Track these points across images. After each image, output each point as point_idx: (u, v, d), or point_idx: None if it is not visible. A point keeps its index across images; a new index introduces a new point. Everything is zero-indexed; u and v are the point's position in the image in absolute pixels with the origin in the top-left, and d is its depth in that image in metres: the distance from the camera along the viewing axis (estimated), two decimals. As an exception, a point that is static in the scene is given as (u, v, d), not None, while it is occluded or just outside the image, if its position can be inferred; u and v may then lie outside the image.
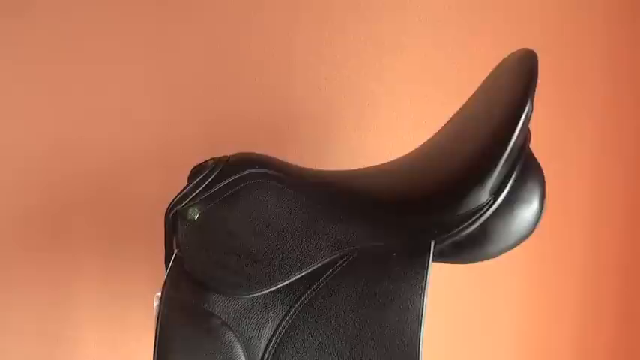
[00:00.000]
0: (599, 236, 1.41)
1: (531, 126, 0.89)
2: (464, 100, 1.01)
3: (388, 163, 1.03)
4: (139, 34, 1.41)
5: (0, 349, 1.53)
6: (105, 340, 1.52)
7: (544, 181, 0.90)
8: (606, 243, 1.42)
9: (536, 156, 0.91)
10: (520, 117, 0.86)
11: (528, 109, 0.86)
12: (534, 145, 0.92)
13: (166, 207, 0.95)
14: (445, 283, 1.34)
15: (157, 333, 0.89)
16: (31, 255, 1.48)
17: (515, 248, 0.89)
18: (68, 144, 1.44)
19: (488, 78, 0.99)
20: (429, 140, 1.03)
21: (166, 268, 0.94)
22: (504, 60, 0.98)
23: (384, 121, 1.42)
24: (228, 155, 0.98)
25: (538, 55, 0.90)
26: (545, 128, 1.34)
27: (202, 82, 1.42)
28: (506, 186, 0.88)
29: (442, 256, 0.90)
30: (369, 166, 1.04)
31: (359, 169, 1.03)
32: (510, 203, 0.89)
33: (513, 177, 0.89)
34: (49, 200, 1.47)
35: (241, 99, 1.42)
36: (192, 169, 0.98)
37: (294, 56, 1.41)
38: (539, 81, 0.87)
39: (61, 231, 1.48)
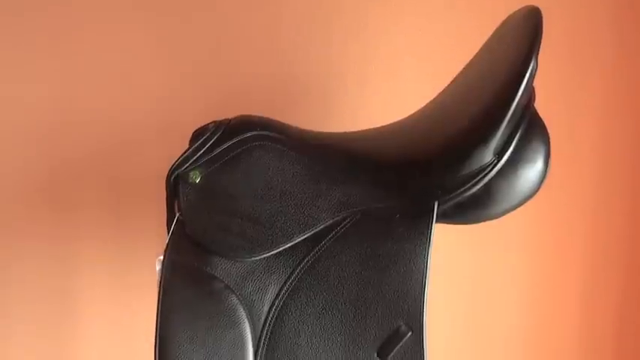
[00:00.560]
0: (607, 198, 1.40)
1: (538, 84, 0.88)
2: (469, 57, 0.99)
3: (390, 124, 1.02)
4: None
5: (2, 304, 1.53)
6: (107, 300, 1.52)
7: (549, 141, 0.89)
8: (614, 204, 1.41)
9: (541, 115, 0.90)
10: (524, 75, 0.85)
11: (532, 68, 0.85)
12: (541, 104, 0.90)
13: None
14: (449, 246, 1.34)
15: (160, 296, 0.89)
16: (33, 215, 1.49)
17: (520, 203, 0.88)
18: (70, 106, 1.43)
19: (492, 36, 0.98)
20: (432, 101, 1.01)
21: (168, 232, 0.93)
22: (509, 17, 0.96)
23: (386, 81, 1.41)
24: (230, 118, 0.97)
25: (549, 11, 0.89)
26: (555, 86, 1.32)
27: (204, 46, 1.41)
28: (510, 145, 0.87)
29: (445, 217, 0.90)
30: (371, 127, 1.03)
31: (361, 131, 1.02)
32: (514, 163, 0.88)
33: (517, 136, 0.87)
34: (52, 163, 1.47)
35: (243, 62, 1.41)
36: (194, 132, 0.97)
37: (295, 17, 1.40)
38: (548, 39, 0.86)
39: (64, 193, 1.48)
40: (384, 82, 1.42)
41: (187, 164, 0.93)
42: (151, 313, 0.89)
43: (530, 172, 0.88)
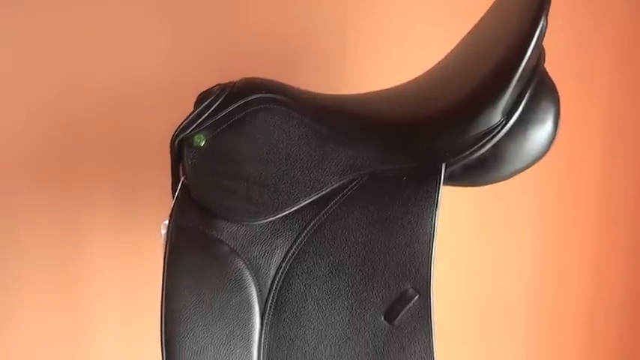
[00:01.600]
0: (614, 165, 1.39)
1: (546, 44, 0.86)
2: (477, 18, 0.98)
3: (397, 87, 1.01)
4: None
5: (11, 273, 1.54)
6: (113, 266, 1.53)
7: (559, 101, 0.88)
8: (622, 164, 1.39)
9: (551, 75, 0.89)
10: (533, 34, 0.84)
11: (542, 26, 0.84)
12: (549, 65, 0.89)
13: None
14: (457, 209, 1.33)
15: (165, 261, 0.89)
16: (41, 184, 1.49)
17: (529, 164, 0.87)
18: (73, 71, 1.42)
19: None
20: (440, 63, 1.00)
21: (173, 196, 0.92)
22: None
23: (397, 46, 1.39)
24: (235, 81, 0.96)
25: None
26: (560, 49, 1.30)
27: (210, 9, 1.39)
28: (519, 106, 0.86)
29: (453, 180, 0.89)
30: (377, 89, 1.01)
31: (368, 93, 1.01)
32: (523, 124, 0.86)
33: (527, 96, 0.86)
34: (56, 129, 1.47)
35: (250, 25, 1.39)
36: (199, 95, 0.96)
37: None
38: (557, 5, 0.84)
39: (68, 159, 1.48)
40: (395, 47, 1.40)
41: (192, 128, 0.92)
42: (158, 279, 0.89)
43: (540, 133, 0.87)
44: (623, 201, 1.42)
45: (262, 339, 0.87)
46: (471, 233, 1.44)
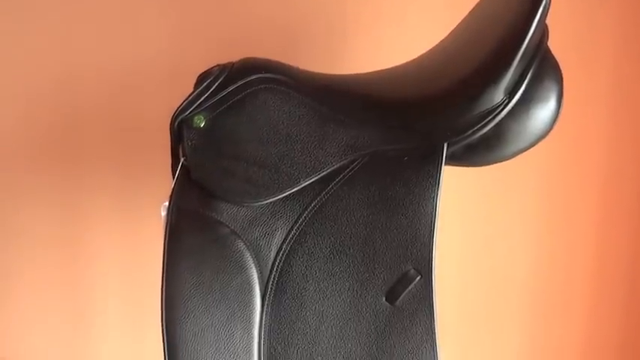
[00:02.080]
0: (619, 143, 1.38)
1: (549, 22, 0.85)
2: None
3: (398, 66, 1.00)
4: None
5: (12, 253, 1.55)
6: (114, 247, 1.54)
7: (562, 80, 0.87)
8: (627, 142, 1.38)
9: (554, 53, 0.88)
10: (536, 11, 0.83)
11: (545, 3, 0.83)
12: (552, 43, 0.88)
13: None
14: (458, 189, 1.32)
15: (165, 243, 0.88)
16: (42, 166, 1.50)
17: (532, 144, 0.86)
18: (72, 52, 1.42)
19: None
20: (441, 42, 0.99)
21: (173, 178, 0.92)
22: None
23: (398, 26, 1.38)
24: (234, 61, 0.95)
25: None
26: (564, 27, 1.29)
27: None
28: (521, 84, 0.85)
29: (455, 160, 0.88)
30: (378, 69, 1.00)
31: (369, 73, 1.00)
32: (526, 102, 0.85)
33: (529, 75, 0.85)
34: (60, 113, 1.47)
35: (250, 4, 1.38)
36: (198, 76, 0.96)
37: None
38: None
39: (68, 141, 1.48)
40: (396, 27, 1.39)
41: (191, 109, 0.91)
42: (159, 259, 0.88)
43: (542, 111, 0.86)
44: (629, 178, 1.40)
45: (263, 320, 0.86)
46: (473, 213, 1.43)
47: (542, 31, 0.86)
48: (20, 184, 1.51)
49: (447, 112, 0.87)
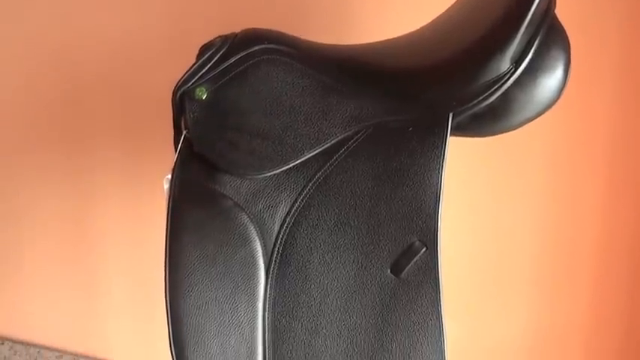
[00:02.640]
0: (626, 113, 1.36)
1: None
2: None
3: (402, 36, 0.99)
4: None
5: (22, 226, 1.56)
6: (119, 222, 1.55)
7: (569, 48, 0.86)
8: (634, 120, 1.36)
9: (561, 21, 0.86)
10: (543, -23, 0.81)
11: (552, -31, 0.81)
12: (560, 11, 0.86)
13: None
14: (464, 160, 1.31)
15: (168, 216, 0.87)
16: (44, 140, 1.51)
17: (538, 113, 0.85)
18: (75, 25, 1.41)
19: None
20: (447, 10, 0.98)
21: (175, 151, 0.91)
22: None
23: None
24: (236, 32, 0.94)
25: None
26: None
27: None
28: (528, 53, 0.83)
29: (460, 130, 0.87)
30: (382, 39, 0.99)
31: (372, 43, 0.99)
32: (533, 71, 0.84)
33: (536, 43, 0.84)
34: (61, 85, 1.47)
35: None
36: (201, 48, 0.94)
37: None
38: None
39: (73, 114, 1.48)
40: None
41: (193, 80, 0.90)
42: (163, 232, 0.88)
43: (550, 80, 0.84)
44: (636, 147, 1.39)
45: (267, 293, 0.86)
46: (478, 185, 1.42)
47: (549, -1, 0.85)
48: (22, 160, 1.51)
49: (452, 81, 0.85)
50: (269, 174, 0.87)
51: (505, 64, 0.83)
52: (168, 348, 0.85)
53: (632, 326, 1.40)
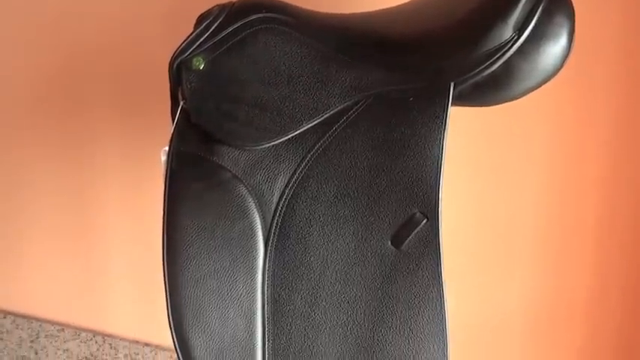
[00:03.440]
0: (633, 78, 1.34)
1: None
2: None
3: (402, 5, 0.97)
4: None
5: (23, 200, 1.57)
6: (119, 194, 1.55)
7: (573, 14, 0.84)
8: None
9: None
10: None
11: None
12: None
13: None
14: (465, 130, 1.29)
15: (166, 189, 0.87)
16: (43, 113, 1.51)
17: (542, 82, 0.83)
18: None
19: None
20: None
21: (173, 122, 0.90)
22: None
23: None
24: (234, 0, 0.92)
25: None
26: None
27: None
28: (531, 20, 0.82)
29: (462, 99, 0.85)
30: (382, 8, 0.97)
31: (372, 12, 0.97)
32: (536, 39, 0.82)
33: (539, 10, 0.82)
34: (60, 58, 1.46)
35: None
36: (198, 17, 0.93)
37: None
38: None
39: (71, 87, 1.48)
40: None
41: (190, 50, 0.89)
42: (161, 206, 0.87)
43: (553, 48, 0.83)
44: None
45: (266, 266, 0.85)
46: (480, 155, 1.40)
47: (554, -37, 0.83)
48: (21, 134, 1.50)
49: (453, 50, 0.84)
50: (267, 145, 0.85)
51: (507, 31, 0.82)
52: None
53: (637, 295, 1.40)
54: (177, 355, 0.84)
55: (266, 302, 0.85)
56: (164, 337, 0.83)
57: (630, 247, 1.38)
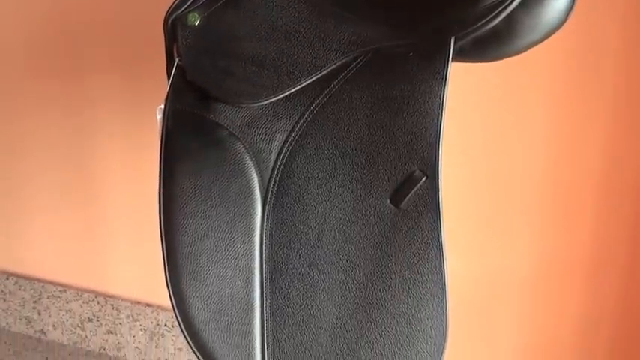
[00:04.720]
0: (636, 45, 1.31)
1: None
2: None
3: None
4: None
5: (25, 155, 1.58)
6: (119, 154, 1.55)
7: (578, -34, 0.81)
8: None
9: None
10: None
11: None
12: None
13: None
14: (466, 87, 1.27)
15: (162, 147, 0.85)
16: (42, 75, 1.50)
17: (545, 36, 0.81)
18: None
19: None
20: None
21: (168, 80, 0.88)
22: None
23: None
24: (230, -45, 0.90)
25: None
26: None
27: None
28: (534, -28, 0.79)
29: (463, 55, 0.83)
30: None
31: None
32: (539, -8, 0.80)
33: (543, -39, 0.79)
34: (57, 24, 1.45)
35: None
36: (194, -28, 0.90)
37: None
38: None
39: (70, 46, 1.48)
40: None
41: (185, 6, 0.87)
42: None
43: (556, 1, 0.80)
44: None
45: (264, 225, 0.84)
46: (482, 112, 1.38)
47: None
48: (22, 91, 1.49)
49: (453, 4, 0.82)
50: (265, 102, 0.84)
51: (509, -16, 0.79)
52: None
53: (635, 260, 1.39)
54: (175, 314, 0.84)
55: (264, 261, 0.84)
56: (166, 297, 0.83)
57: (629, 212, 1.37)
